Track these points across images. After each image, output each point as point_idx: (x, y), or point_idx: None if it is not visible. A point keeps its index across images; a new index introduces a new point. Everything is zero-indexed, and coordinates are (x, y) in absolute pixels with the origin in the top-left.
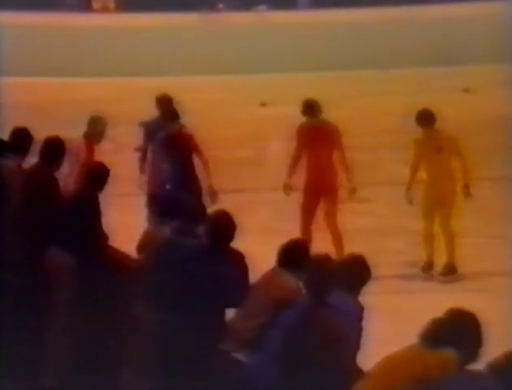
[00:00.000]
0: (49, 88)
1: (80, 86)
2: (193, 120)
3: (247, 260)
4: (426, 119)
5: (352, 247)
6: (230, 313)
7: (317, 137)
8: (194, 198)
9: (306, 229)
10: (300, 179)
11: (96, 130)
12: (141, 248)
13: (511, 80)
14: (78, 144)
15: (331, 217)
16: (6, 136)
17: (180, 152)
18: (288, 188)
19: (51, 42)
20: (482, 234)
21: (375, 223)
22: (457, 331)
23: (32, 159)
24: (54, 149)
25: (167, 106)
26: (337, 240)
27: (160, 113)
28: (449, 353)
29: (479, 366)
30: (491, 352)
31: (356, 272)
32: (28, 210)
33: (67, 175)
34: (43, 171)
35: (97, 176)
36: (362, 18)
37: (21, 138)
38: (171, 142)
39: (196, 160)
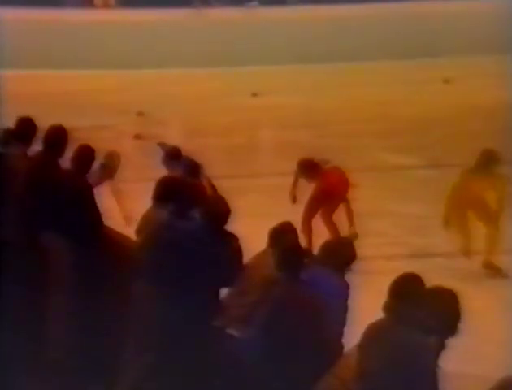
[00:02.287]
0: (52, 79)
1: (82, 78)
2: (188, 109)
3: (241, 242)
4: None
5: (339, 229)
6: (224, 291)
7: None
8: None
9: (309, 221)
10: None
11: (111, 164)
12: (140, 230)
13: (491, 71)
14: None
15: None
16: (10, 126)
17: None
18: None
19: (54, 37)
20: None
21: (360, 207)
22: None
23: (36, 147)
24: (58, 137)
25: None
26: (334, 231)
27: None
28: None
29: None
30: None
31: (341, 252)
32: (31, 196)
33: None
34: (47, 158)
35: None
36: (347, 13)
37: (26, 127)
38: None
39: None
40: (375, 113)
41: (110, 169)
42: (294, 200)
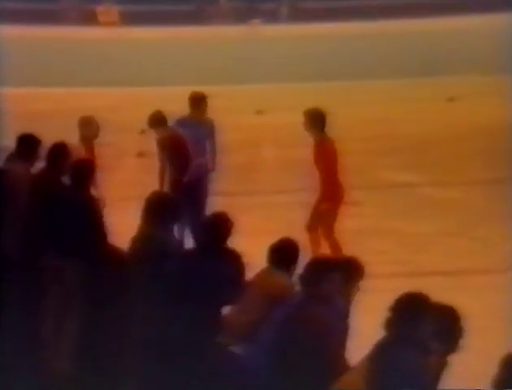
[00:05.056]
0: (54, 97)
1: (84, 95)
2: None
3: (243, 259)
4: None
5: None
6: (226, 309)
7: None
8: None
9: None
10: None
11: (89, 131)
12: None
13: (494, 90)
14: (77, 149)
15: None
16: (10, 143)
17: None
18: None
19: (56, 54)
20: (465, 235)
21: (363, 225)
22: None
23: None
24: (60, 153)
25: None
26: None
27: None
28: None
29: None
30: (472, 346)
31: (349, 274)
32: (35, 213)
33: None
34: (50, 175)
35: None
36: (350, 31)
37: (28, 144)
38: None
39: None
40: (377, 131)
41: (88, 136)
42: None
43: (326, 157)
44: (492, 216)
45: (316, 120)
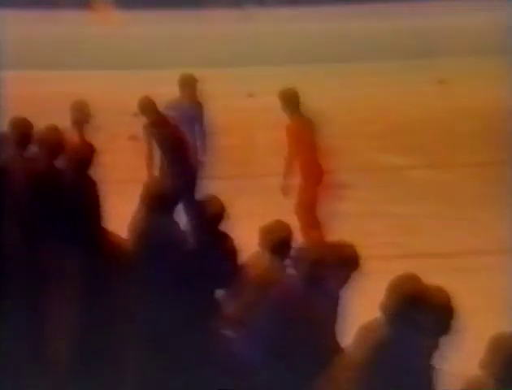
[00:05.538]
0: (46, 81)
1: (77, 79)
2: None
3: (236, 243)
4: None
5: (333, 230)
6: (219, 293)
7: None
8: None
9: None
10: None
11: (82, 115)
12: (133, 232)
13: (485, 72)
14: (69, 133)
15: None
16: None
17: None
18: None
19: (50, 38)
20: (457, 217)
21: (355, 208)
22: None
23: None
24: (53, 138)
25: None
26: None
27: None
28: None
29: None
30: (463, 327)
31: (342, 258)
32: (29, 200)
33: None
34: (43, 160)
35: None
36: (342, 14)
37: (21, 128)
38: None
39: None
40: (369, 114)
41: (80, 120)
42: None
43: (298, 136)
44: (484, 198)
45: (288, 101)
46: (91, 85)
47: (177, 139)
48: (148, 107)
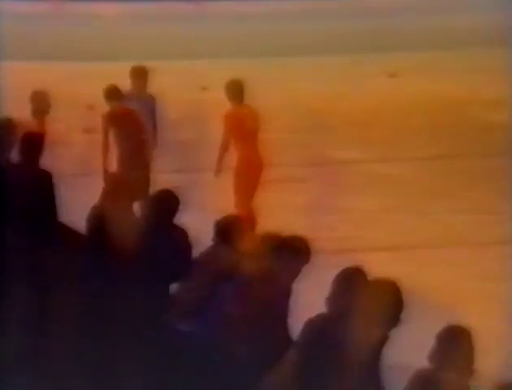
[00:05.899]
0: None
1: (30, 69)
2: None
3: (190, 236)
4: None
5: (286, 224)
6: (173, 286)
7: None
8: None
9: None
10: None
11: (42, 106)
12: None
13: (435, 66)
14: (28, 124)
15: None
16: None
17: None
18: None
19: (2, 28)
20: (409, 210)
21: (307, 202)
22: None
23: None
24: (5, 129)
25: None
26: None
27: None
28: None
29: None
30: (412, 320)
31: (295, 251)
32: None
33: None
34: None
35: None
36: (292, 7)
37: None
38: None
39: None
40: (320, 108)
41: (40, 111)
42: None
43: (237, 125)
44: (436, 192)
45: (233, 91)
46: (45, 76)
47: (136, 130)
48: (115, 95)
